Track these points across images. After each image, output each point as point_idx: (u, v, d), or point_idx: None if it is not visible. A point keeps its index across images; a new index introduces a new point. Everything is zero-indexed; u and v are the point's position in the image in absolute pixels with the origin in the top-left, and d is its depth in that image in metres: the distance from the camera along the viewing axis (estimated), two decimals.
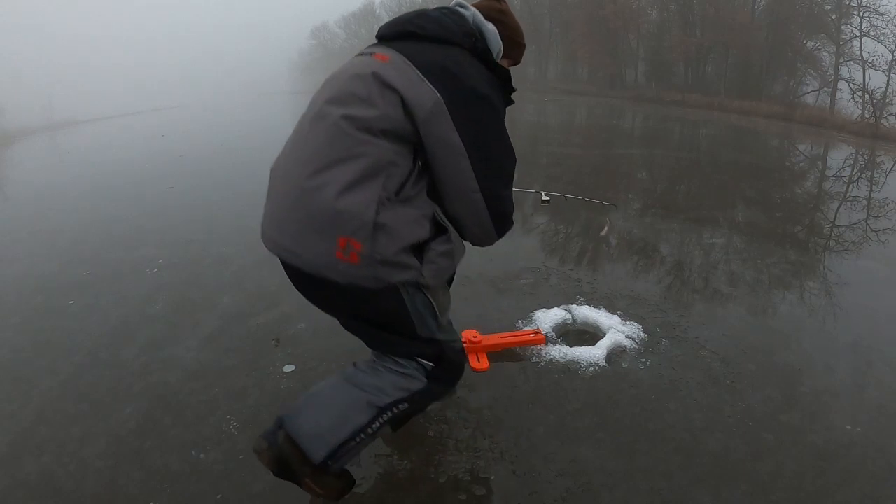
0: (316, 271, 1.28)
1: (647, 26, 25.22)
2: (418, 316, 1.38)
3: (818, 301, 3.00)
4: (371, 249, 1.24)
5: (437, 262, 1.34)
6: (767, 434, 1.84)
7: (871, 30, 17.70)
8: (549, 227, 4.12)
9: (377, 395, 1.39)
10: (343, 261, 1.24)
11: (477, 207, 1.36)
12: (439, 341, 1.44)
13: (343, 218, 1.23)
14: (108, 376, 2.10)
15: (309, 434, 1.36)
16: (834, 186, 6.66)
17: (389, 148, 1.26)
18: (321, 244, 1.25)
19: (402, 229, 1.27)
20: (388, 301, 1.33)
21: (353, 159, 1.24)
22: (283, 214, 1.32)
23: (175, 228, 3.86)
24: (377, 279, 1.27)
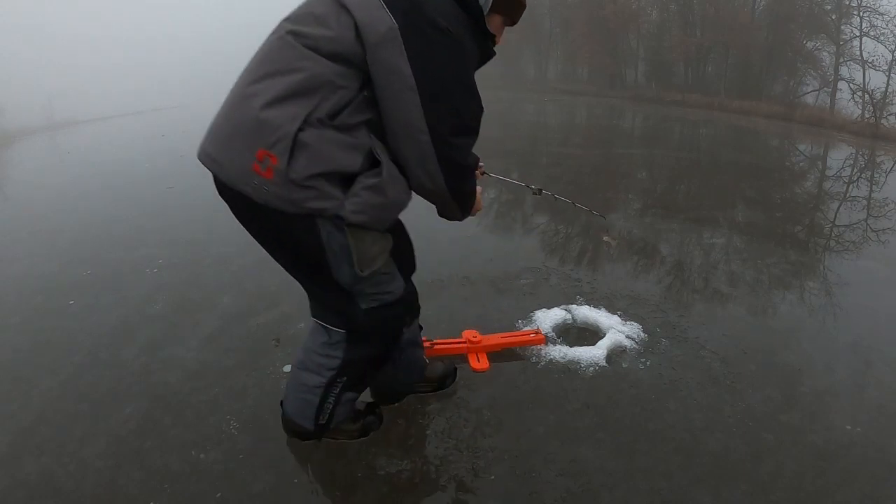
0: (232, 183, 1.23)
1: (647, 26, 25.21)
2: (334, 257, 1.30)
3: (818, 301, 3.00)
4: (286, 166, 1.17)
5: (362, 195, 1.24)
6: (767, 434, 1.84)
7: (871, 30, 17.70)
8: (549, 227, 4.12)
9: (316, 378, 1.51)
10: (259, 174, 1.18)
11: (423, 150, 1.24)
12: (351, 295, 1.38)
13: (265, 129, 1.17)
14: (108, 376, 2.10)
15: (293, 414, 1.60)
16: (834, 186, 6.66)
17: (332, 68, 1.19)
18: (240, 154, 1.20)
19: (325, 152, 1.19)
20: (303, 232, 1.26)
21: (289, 73, 1.19)
22: (217, 122, 1.28)
23: (175, 228, 3.86)
24: (290, 202, 1.20)
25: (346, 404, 1.61)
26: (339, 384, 1.53)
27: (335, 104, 1.20)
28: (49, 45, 33.37)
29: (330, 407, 1.56)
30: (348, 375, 1.52)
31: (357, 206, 1.24)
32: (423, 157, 1.25)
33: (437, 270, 2.99)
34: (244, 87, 1.24)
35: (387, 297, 1.43)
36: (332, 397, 1.55)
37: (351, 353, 1.48)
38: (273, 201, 1.21)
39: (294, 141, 1.17)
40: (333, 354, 1.48)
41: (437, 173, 1.27)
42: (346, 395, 1.57)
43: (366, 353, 1.50)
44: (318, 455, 1.68)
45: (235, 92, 1.27)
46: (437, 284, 2.85)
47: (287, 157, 1.17)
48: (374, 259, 1.35)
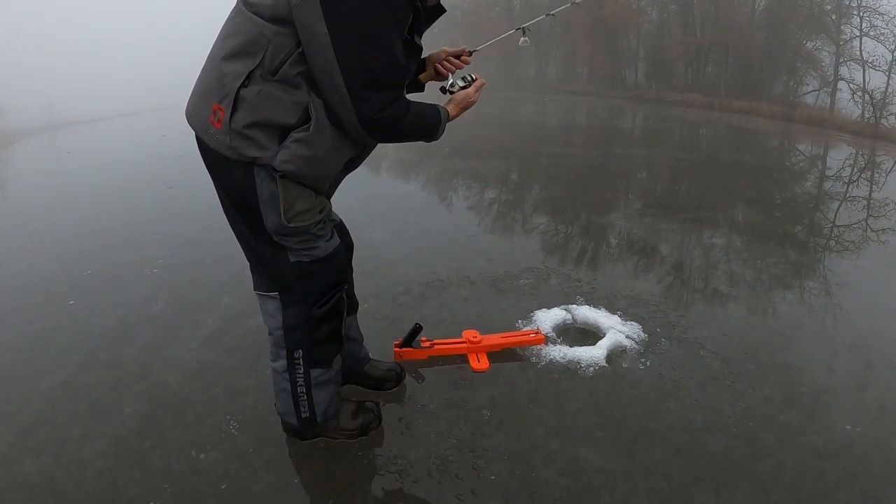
0: (198, 133, 1.43)
1: (647, 26, 25.20)
2: (264, 204, 1.42)
3: (818, 301, 3.00)
4: (229, 118, 1.34)
5: (291, 147, 1.36)
6: (767, 434, 1.84)
7: (871, 30, 17.68)
8: (549, 227, 4.12)
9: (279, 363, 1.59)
10: (212, 125, 1.37)
11: (344, 104, 1.33)
12: (280, 247, 1.47)
13: (218, 85, 1.35)
14: (108, 376, 2.10)
15: (281, 412, 1.68)
16: (834, 186, 6.65)
17: (271, 29, 1.31)
18: (203, 108, 1.39)
19: (261, 106, 1.33)
20: (242, 177, 1.40)
21: (237, 35, 1.35)
22: (195, 83, 1.46)
23: (175, 228, 3.86)
24: (231, 148, 1.36)
25: (322, 388, 1.63)
26: (299, 361, 1.57)
27: (275, 59, 1.32)
28: (49, 45, 33.38)
29: (304, 392, 1.61)
30: (300, 346, 1.56)
31: (286, 157, 1.36)
32: (345, 111, 1.34)
33: (437, 270, 2.99)
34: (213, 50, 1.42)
35: (316, 252, 1.51)
36: (299, 378, 1.59)
37: (288, 317, 1.54)
38: (220, 148, 1.38)
39: (236, 96, 1.32)
40: (276, 326, 1.56)
41: (357, 126, 1.35)
42: (313, 372, 1.59)
43: (302, 314, 1.54)
44: (318, 455, 1.68)
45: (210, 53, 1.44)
46: (437, 284, 2.85)
47: (230, 110, 1.33)
48: (300, 214, 1.44)
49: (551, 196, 5.21)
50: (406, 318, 2.36)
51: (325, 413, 1.67)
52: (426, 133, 1.52)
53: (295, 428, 1.68)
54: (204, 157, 1.48)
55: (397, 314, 2.55)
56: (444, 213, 4.26)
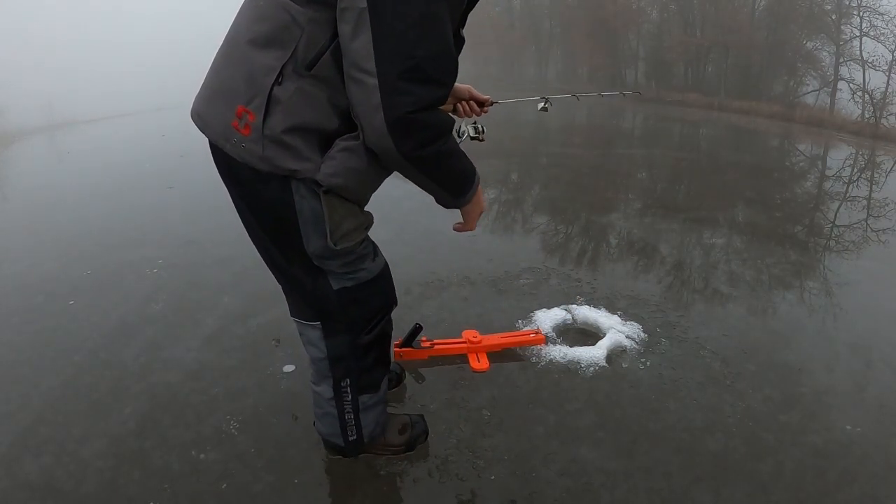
0: (215, 140, 1.21)
1: (647, 26, 25.20)
2: (305, 225, 1.22)
3: (818, 301, 3.00)
4: (261, 122, 1.12)
5: (338, 157, 1.16)
6: (767, 434, 1.84)
7: (871, 30, 17.69)
8: (549, 227, 4.12)
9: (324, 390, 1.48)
10: (237, 131, 1.14)
11: (369, 96, 1.06)
12: (322, 272, 1.30)
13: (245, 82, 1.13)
14: (108, 376, 2.10)
15: (325, 433, 1.58)
16: (834, 186, 6.65)
17: (303, 13, 1.09)
18: (223, 110, 1.17)
19: (299, 107, 1.12)
20: (276, 193, 1.19)
21: (262, 20, 1.13)
22: (207, 78, 1.24)
23: (175, 228, 3.86)
24: (264, 159, 1.14)
25: (370, 410, 1.53)
26: (346, 389, 1.46)
27: (310, 52, 1.11)
28: (49, 45, 33.39)
29: (352, 418, 1.50)
30: (347, 376, 1.44)
31: (332, 169, 1.16)
32: (369, 106, 1.07)
33: (437, 270, 2.99)
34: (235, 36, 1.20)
35: (362, 276, 1.34)
36: (347, 405, 1.48)
37: (332, 347, 1.40)
38: (248, 159, 1.16)
39: (269, 96, 1.11)
40: (320, 356, 1.42)
41: (382, 128, 1.06)
42: (361, 398, 1.48)
43: (347, 343, 1.39)
44: (318, 455, 1.68)
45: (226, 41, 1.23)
46: (437, 284, 2.85)
47: (263, 112, 1.12)
48: (348, 234, 1.26)
49: (551, 196, 5.21)
50: (406, 319, 2.36)
51: (373, 433, 1.58)
52: (459, 179, 1.26)
53: (341, 448, 1.59)
54: (222, 170, 1.26)
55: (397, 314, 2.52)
56: (444, 214, 4.24)
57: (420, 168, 1.17)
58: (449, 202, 1.34)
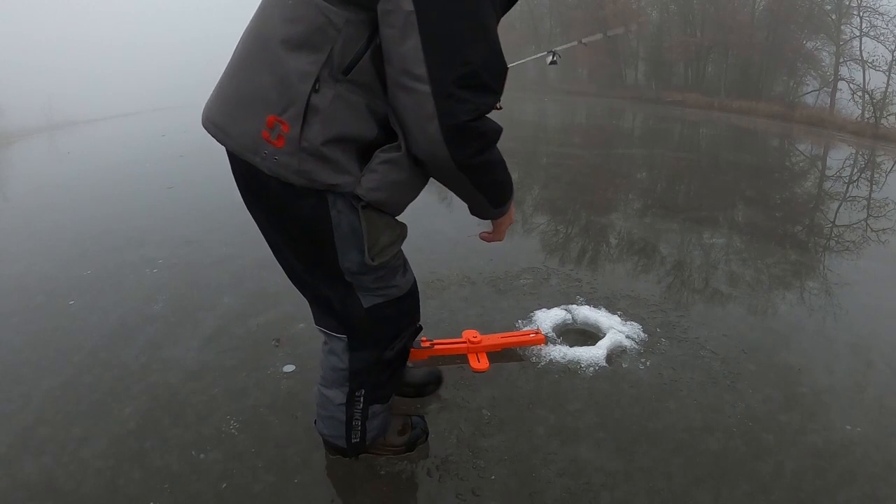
0: (240, 153, 1.11)
1: (647, 26, 25.21)
2: (342, 240, 1.16)
3: (818, 301, 3.00)
4: (298, 134, 1.04)
5: (379, 170, 1.11)
6: (767, 434, 1.84)
7: (871, 30, 17.69)
8: (549, 227, 4.12)
9: (336, 395, 1.47)
10: (269, 143, 1.06)
11: (421, 104, 1.02)
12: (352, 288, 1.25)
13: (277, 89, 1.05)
14: (108, 376, 2.10)
15: (327, 435, 1.57)
16: (834, 186, 6.66)
17: (340, 15, 1.02)
18: (249, 120, 1.08)
19: (337, 116, 1.06)
20: (311, 208, 1.12)
21: (295, 21, 1.05)
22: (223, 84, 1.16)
23: (175, 228, 3.86)
24: (300, 173, 1.07)
25: (377, 417, 1.53)
26: (360, 398, 1.45)
27: (346, 56, 1.05)
28: (48, 45, 33.38)
29: (359, 424, 1.50)
30: (363, 387, 1.43)
31: (374, 183, 1.11)
32: (421, 115, 1.03)
33: (437, 270, 2.99)
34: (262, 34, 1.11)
35: (392, 292, 1.31)
36: (357, 413, 1.47)
37: (355, 361, 1.38)
38: (282, 173, 1.08)
39: (307, 105, 1.03)
40: (340, 367, 1.41)
41: (437, 136, 1.03)
42: (371, 408, 1.48)
43: (371, 359, 1.38)
44: (318, 455, 1.68)
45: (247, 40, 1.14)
46: (437, 284, 2.85)
47: (300, 123, 1.04)
48: (385, 249, 1.22)
49: (551, 196, 5.21)
50: None
51: (375, 437, 1.58)
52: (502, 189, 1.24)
53: (341, 449, 1.58)
54: (246, 183, 1.19)
55: None
56: (444, 213, 4.26)
57: (471, 176, 1.14)
58: (487, 212, 1.32)
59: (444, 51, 0.98)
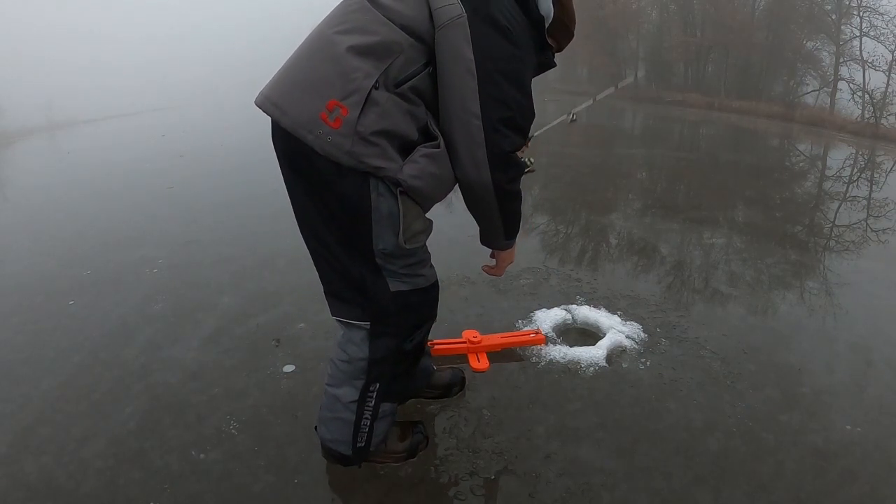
0: (293, 129, 1.23)
1: (647, 26, 25.20)
2: (379, 221, 1.29)
3: (818, 301, 3.00)
4: (356, 119, 1.19)
5: (420, 161, 1.26)
6: (767, 434, 1.84)
7: (871, 30, 17.68)
8: (549, 227, 4.12)
9: (347, 392, 1.46)
10: (325, 123, 1.20)
11: (473, 135, 1.26)
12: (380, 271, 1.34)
13: (340, 79, 1.20)
14: (108, 376, 2.10)
15: (329, 440, 1.53)
16: (834, 186, 6.66)
17: (404, 38, 1.23)
18: (310, 101, 1.22)
19: (392, 113, 1.23)
20: (354, 187, 1.25)
21: (367, 33, 1.23)
22: (289, 69, 1.29)
23: (175, 228, 3.86)
24: (351, 154, 1.21)
25: (384, 420, 1.53)
26: (373, 394, 1.46)
27: (401, 72, 1.24)
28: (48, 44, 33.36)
29: (367, 424, 1.49)
30: (379, 380, 1.45)
31: (415, 171, 1.26)
32: (472, 142, 1.27)
33: (437, 270, 2.99)
34: (327, 35, 1.26)
35: (419, 281, 1.41)
36: (367, 411, 1.48)
37: (375, 349, 1.42)
38: (332, 151, 1.21)
39: (368, 96, 1.19)
40: (358, 356, 1.43)
41: (483, 161, 1.28)
42: (382, 406, 1.50)
43: (391, 347, 1.43)
44: (318, 455, 1.68)
45: (314, 39, 1.29)
46: None
47: (359, 110, 1.19)
48: (416, 235, 1.34)
49: (551, 196, 5.21)
50: None
51: (378, 443, 1.57)
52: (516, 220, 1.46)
53: (344, 457, 1.53)
54: (292, 160, 1.30)
55: None
56: (445, 213, 4.26)
57: (501, 200, 1.36)
58: (499, 241, 1.53)
59: (494, 96, 1.24)
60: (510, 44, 1.27)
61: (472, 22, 1.23)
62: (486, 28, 1.24)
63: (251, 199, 4.48)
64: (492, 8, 1.25)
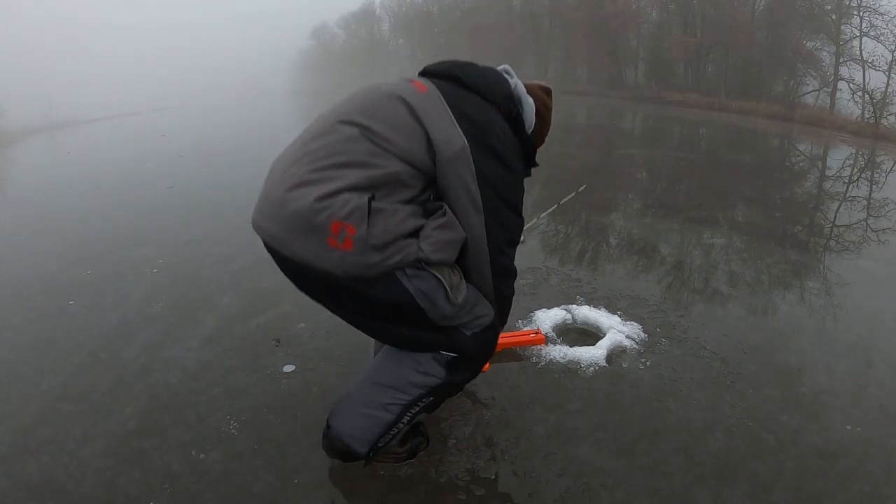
0: (305, 260, 1.23)
1: (647, 26, 25.21)
2: (425, 298, 1.32)
3: (818, 301, 3.00)
4: (366, 233, 1.19)
5: (434, 234, 1.29)
6: (767, 434, 1.84)
7: (871, 30, 17.68)
8: (549, 227, 4.12)
9: (398, 395, 1.46)
10: (337, 248, 1.19)
11: (482, 259, 1.39)
12: (455, 326, 1.41)
13: (335, 205, 1.19)
14: (108, 376, 2.10)
15: (348, 434, 1.48)
16: (834, 186, 6.66)
17: (403, 168, 1.27)
18: (312, 237, 1.20)
19: (398, 214, 1.25)
20: (386, 289, 1.27)
21: (366, 167, 1.24)
22: (275, 199, 1.26)
23: (175, 228, 3.86)
24: (372, 267, 1.22)
25: (406, 429, 1.54)
26: (422, 404, 1.48)
27: (401, 199, 1.28)
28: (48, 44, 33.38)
29: (401, 427, 1.50)
30: (435, 395, 1.49)
31: (433, 246, 1.29)
32: (480, 267, 1.41)
33: None
34: (311, 171, 1.24)
35: (484, 321, 1.46)
36: (407, 417, 1.48)
37: (452, 375, 1.48)
38: (354, 271, 1.22)
39: (369, 208, 1.20)
40: (433, 374, 1.46)
41: (488, 275, 1.42)
42: (420, 415, 1.53)
43: (466, 378, 1.54)
44: (318, 455, 1.68)
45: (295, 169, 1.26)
46: None
47: (365, 224, 1.19)
48: (457, 286, 1.38)
49: (552, 196, 5.21)
50: None
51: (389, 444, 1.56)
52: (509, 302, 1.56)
53: (353, 453, 1.50)
54: (312, 285, 1.34)
55: None
56: None
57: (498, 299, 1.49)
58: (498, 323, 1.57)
59: (497, 225, 1.37)
60: (508, 171, 1.38)
61: (474, 153, 1.30)
62: (486, 159, 1.32)
63: (251, 199, 4.47)
64: (491, 138, 1.34)
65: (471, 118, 1.33)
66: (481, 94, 1.41)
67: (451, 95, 1.36)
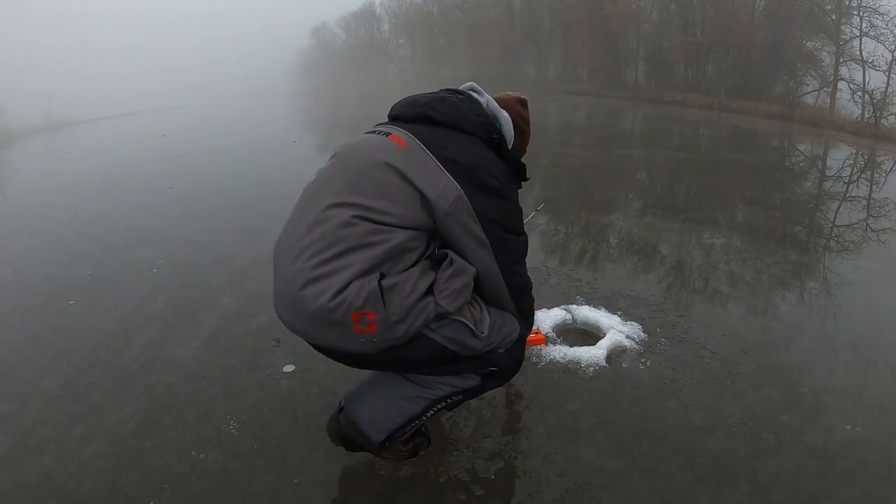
0: (334, 346, 1.32)
1: (647, 26, 25.19)
2: (455, 343, 1.39)
3: (818, 301, 3.00)
4: (386, 314, 1.25)
5: (447, 287, 1.33)
6: (767, 434, 1.84)
7: (871, 30, 17.65)
8: (549, 227, 4.12)
9: (430, 389, 1.49)
10: (362, 333, 1.26)
11: (498, 288, 1.46)
12: (487, 354, 1.48)
13: (349, 297, 1.23)
14: (108, 376, 2.10)
15: (367, 420, 1.47)
16: (834, 186, 6.66)
17: (405, 235, 1.29)
18: (336, 328, 1.26)
19: (409, 281, 1.29)
20: (418, 347, 1.35)
21: (368, 247, 1.26)
22: (291, 296, 1.29)
23: (175, 228, 3.86)
24: (399, 337, 1.29)
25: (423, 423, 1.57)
26: (450, 401, 1.52)
27: (407, 263, 1.31)
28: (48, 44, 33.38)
29: (422, 421, 1.51)
30: (465, 396, 1.54)
31: (449, 297, 1.33)
32: (498, 292, 1.48)
33: None
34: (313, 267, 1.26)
35: (513, 336, 1.54)
36: (431, 412, 1.51)
37: (487, 383, 1.55)
38: (384, 346, 1.29)
39: (381, 290, 1.24)
40: (470, 378, 1.52)
41: (507, 296, 1.49)
42: (444, 412, 1.58)
43: (498, 384, 1.61)
44: (318, 455, 1.68)
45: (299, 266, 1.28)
46: None
47: (382, 306, 1.24)
48: (482, 318, 1.44)
49: (551, 196, 5.21)
50: None
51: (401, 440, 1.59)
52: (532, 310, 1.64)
53: (367, 441, 1.48)
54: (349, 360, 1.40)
55: None
56: None
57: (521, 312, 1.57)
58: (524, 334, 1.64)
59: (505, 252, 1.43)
60: (505, 201, 1.42)
61: (470, 196, 1.33)
62: (482, 197, 1.36)
63: (251, 199, 4.48)
64: (482, 175, 1.36)
65: (457, 161, 1.34)
66: (459, 128, 1.42)
67: (431, 142, 1.35)
